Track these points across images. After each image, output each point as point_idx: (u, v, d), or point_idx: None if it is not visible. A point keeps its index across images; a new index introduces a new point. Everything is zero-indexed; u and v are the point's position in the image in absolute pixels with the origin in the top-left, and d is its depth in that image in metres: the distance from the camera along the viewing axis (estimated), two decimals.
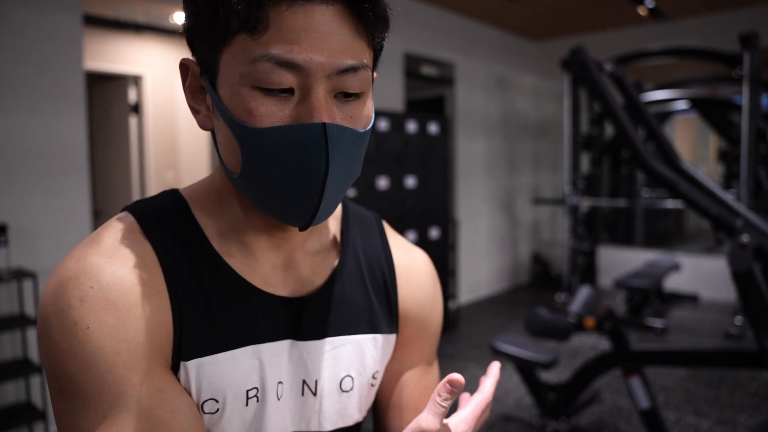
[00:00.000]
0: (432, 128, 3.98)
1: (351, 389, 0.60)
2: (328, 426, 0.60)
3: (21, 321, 2.40)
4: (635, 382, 2.26)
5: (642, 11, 4.55)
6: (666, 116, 5.63)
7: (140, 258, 0.49)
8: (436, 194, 4.02)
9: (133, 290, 0.47)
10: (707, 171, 7.34)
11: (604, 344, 3.80)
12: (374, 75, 0.54)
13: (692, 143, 7.76)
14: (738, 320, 4.12)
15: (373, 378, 0.63)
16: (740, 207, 2.20)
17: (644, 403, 2.23)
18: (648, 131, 2.88)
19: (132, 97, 4.02)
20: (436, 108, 5.14)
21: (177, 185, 4.26)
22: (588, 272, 5.04)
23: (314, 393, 0.58)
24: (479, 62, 5.24)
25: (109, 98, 4.13)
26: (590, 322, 2.37)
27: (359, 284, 0.62)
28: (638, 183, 5.69)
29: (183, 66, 0.52)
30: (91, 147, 3.95)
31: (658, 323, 4.10)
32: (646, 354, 2.32)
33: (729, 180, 5.11)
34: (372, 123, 0.52)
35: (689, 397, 3.02)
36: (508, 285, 5.81)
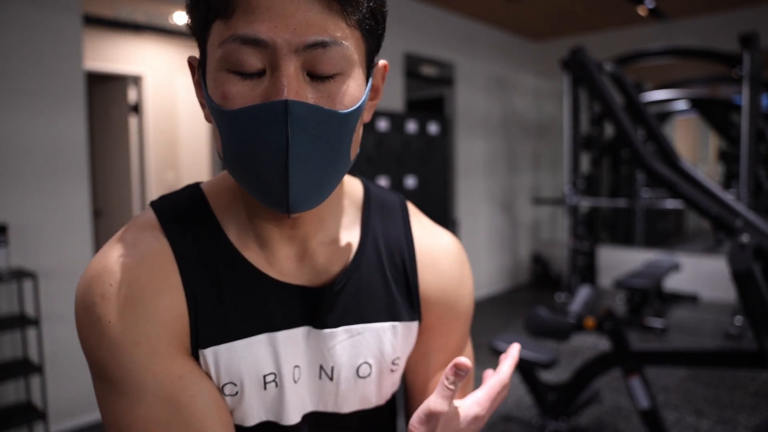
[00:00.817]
0: (432, 128, 3.98)
1: (369, 375, 0.61)
2: (347, 408, 0.61)
3: (21, 321, 2.40)
4: (635, 382, 2.26)
5: (642, 11, 4.55)
6: (666, 116, 5.63)
7: (156, 255, 0.52)
8: (436, 194, 4.02)
9: (149, 286, 0.51)
10: (707, 171, 7.34)
11: (604, 344, 3.80)
12: (377, 62, 0.54)
13: (692, 143, 7.76)
14: (738, 320, 4.12)
15: (393, 364, 0.63)
16: (740, 207, 2.20)
17: (644, 403, 2.23)
18: (648, 131, 2.87)
19: (132, 97, 4.02)
20: (436, 108, 5.14)
21: (177, 185, 4.26)
22: (588, 272, 5.03)
23: (331, 378, 0.59)
24: (479, 62, 5.24)
25: (109, 98, 4.13)
26: (590, 322, 2.37)
27: (378, 273, 0.62)
28: (638, 183, 5.69)
29: (190, 64, 0.55)
30: (91, 147, 3.95)
31: (658, 323, 4.10)
32: (646, 354, 2.32)
33: (729, 180, 5.11)
34: (362, 102, 0.50)
35: (689, 397, 3.02)
36: (508, 285, 5.81)
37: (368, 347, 0.60)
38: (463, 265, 0.68)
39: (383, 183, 3.58)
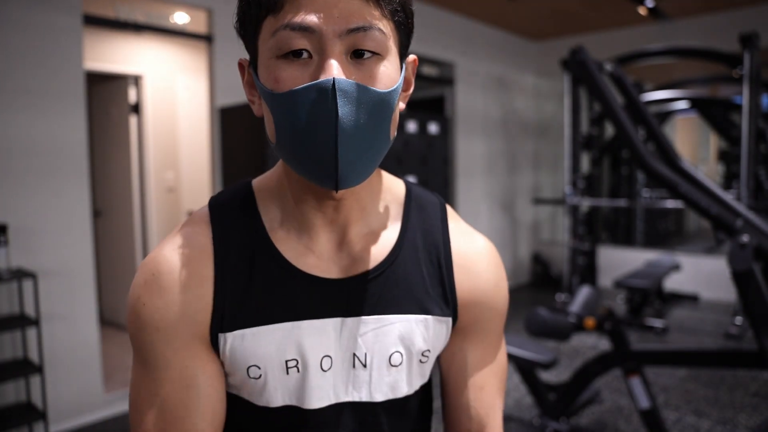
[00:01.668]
0: (432, 128, 3.98)
1: (400, 364, 0.64)
2: (380, 397, 0.63)
3: (21, 321, 2.40)
4: (635, 382, 2.26)
5: (642, 11, 4.55)
6: (666, 116, 5.63)
7: (198, 250, 0.59)
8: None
9: (181, 279, 0.58)
10: (707, 171, 7.34)
11: (604, 344, 3.80)
12: (409, 57, 0.59)
13: (692, 143, 7.76)
14: (738, 320, 4.12)
15: (423, 356, 0.65)
16: (740, 207, 2.20)
17: (644, 403, 2.23)
18: (648, 131, 2.87)
19: (132, 97, 4.02)
20: (436, 108, 5.14)
21: (177, 185, 4.26)
22: (588, 272, 5.03)
23: (364, 365, 0.62)
24: (479, 62, 5.24)
25: (109, 98, 4.13)
26: (590, 322, 2.37)
27: (414, 268, 0.64)
28: (638, 183, 5.69)
29: (240, 65, 0.60)
30: (91, 147, 3.95)
31: (658, 323, 4.10)
32: (646, 354, 2.32)
33: (729, 180, 5.11)
34: (398, 85, 0.55)
35: (689, 397, 3.02)
36: (508, 285, 5.80)
37: (400, 337, 0.63)
38: (499, 268, 0.70)
39: None
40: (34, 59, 2.54)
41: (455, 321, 0.67)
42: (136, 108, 4.05)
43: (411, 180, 4.31)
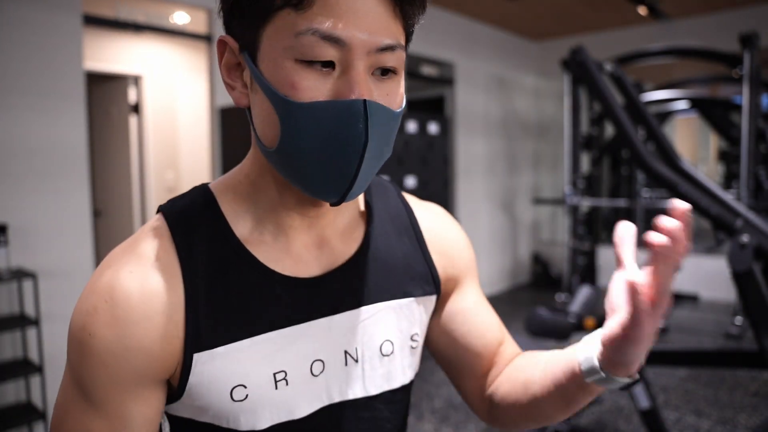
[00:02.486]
0: (432, 128, 3.98)
1: (392, 353, 0.63)
2: (374, 390, 0.62)
3: (21, 321, 2.40)
4: None
5: (642, 11, 4.55)
6: (666, 116, 5.62)
7: (161, 269, 0.53)
8: (436, 194, 4.02)
9: (139, 308, 0.51)
10: (707, 171, 7.34)
11: None
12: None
13: (692, 143, 7.76)
14: (738, 320, 4.12)
15: (412, 340, 0.65)
16: (740, 207, 2.20)
17: (644, 403, 2.23)
18: (648, 131, 2.88)
19: (132, 97, 4.02)
20: (436, 108, 5.14)
21: (177, 185, 4.26)
22: (588, 272, 5.03)
23: (356, 360, 0.60)
24: (479, 62, 5.24)
25: (109, 98, 4.13)
26: (590, 322, 2.37)
27: (390, 251, 0.64)
28: (638, 183, 5.69)
29: (221, 42, 0.53)
30: (91, 147, 3.95)
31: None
32: (646, 354, 2.32)
33: (729, 180, 5.11)
34: (404, 105, 0.53)
35: (689, 397, 3.02)
36: (508, 285, 5.81)
37: (387, 325, 0.62)
38: (457, 224, 0.74)
39: None
40: (34, 59, 2.54)
41: (439, 295, 0.68)
42: (136, 108, 4.05)
43: (411, 180, 4.29)
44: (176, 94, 4.20)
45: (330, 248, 0.61)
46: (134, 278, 0.52)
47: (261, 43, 0.49)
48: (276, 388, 0.55)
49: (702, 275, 4.91)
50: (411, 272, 0.65)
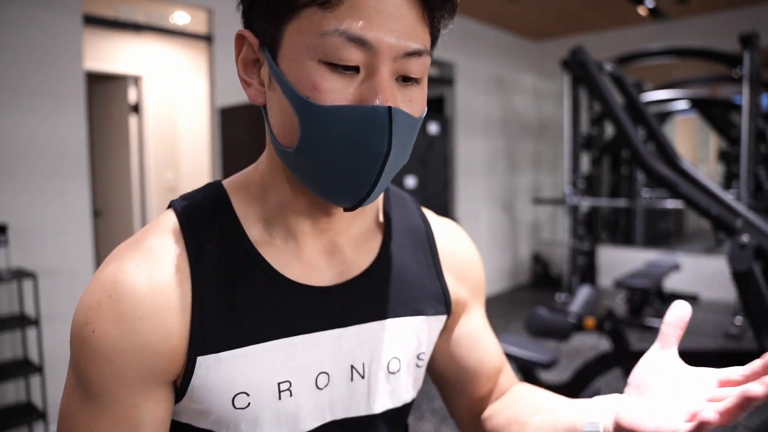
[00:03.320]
0: (432, 128, 3.98)
1: (398, 371, 0.61)
2: (378, 408, 0.60)
3: (21, 321, 2.40)
4: None
5: (642, 11, 4.55)
6: (666, 116, 5.63)
7: (170, 265, 0.51)
8: (436, 194, 4.02)
9: (145, 303, 0.49)
10: (707, 171, 7.34)
11: (604, 344, 3.80)
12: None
13: (692, 143, 7.76)
14: (738, 320, 4.12)
15: (419, 359, 0.63)
16: (740, 207, 2.20)
17: None
18: (648, 131, 2.88)
19: (132, 97, 4.02)
20: (436, 108, 5.14)
21: (177, 185, 4.26)
22: (588, 272, 5.03)
23: (362, 376, 0.58)
24: (479, 62, 5.24)
25: (109, 98, 4.13)
26: (590, 322, 2.37)
27: (405, 266, 0.62)
28: (638, 183, 5.69)
29: (239, 37, 0.52)
30: (91, 147, 3.94)
31: (658, 323, 4.09)
32: None
33: (729, 180, 5.11)
34: (426, 110, 0.52)
35: None
36: (508, 285, 5.81)
37: (396, 342, 0.60)
38: (473, 244, 0.73)
39: None
40: (34, 59, 2.53)
41: (449, 316, 0.66)
42: (136, 108, 4.05)
43: (411, 181, 4.29)
44: (176, 94, 4.20)
45: (342, 256, 0.59)
46: (141, 272, 0.49)
47: (283, 40, 0.48)
48: (279, 399, 0.53)
49: (702, 275, 4.91)
50: (424, 290, 0.63)
